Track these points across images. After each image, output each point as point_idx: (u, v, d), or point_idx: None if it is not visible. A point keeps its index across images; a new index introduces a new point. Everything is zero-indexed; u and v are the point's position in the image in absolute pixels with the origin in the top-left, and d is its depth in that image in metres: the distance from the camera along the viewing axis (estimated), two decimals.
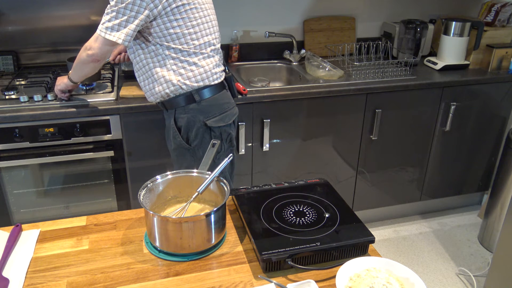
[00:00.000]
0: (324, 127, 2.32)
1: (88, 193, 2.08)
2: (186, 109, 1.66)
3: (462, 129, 2.57)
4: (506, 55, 2.53)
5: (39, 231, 1.16)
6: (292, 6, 2.62)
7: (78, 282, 0.99)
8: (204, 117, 1.67)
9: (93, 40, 1.56)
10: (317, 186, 1.32)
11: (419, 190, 2.68)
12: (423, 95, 2.39)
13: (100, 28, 1.52)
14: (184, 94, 1.65)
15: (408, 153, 2.55)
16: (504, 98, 2.55)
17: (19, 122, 1.84)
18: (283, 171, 2.35)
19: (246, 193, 1.28)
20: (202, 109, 1.67)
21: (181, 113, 1.68)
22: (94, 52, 1.56)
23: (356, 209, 2.58)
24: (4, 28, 2.24)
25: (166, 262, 1.06)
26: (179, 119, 1.69)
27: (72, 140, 1.94)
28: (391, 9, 2.80)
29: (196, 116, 1.67)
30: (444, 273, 2.36)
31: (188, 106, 1.66)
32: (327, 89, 2.21)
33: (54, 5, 2.26)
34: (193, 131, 1.68)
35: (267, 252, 1.01)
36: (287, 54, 2.63)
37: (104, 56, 1.59)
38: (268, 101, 2.15)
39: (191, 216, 1.12)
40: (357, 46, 2.57)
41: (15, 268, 1.03)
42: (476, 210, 2.92)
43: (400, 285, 0.95)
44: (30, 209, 2.04)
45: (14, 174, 1.95)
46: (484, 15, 2.68)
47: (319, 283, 0.99)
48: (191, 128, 1.68)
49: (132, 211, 1.26)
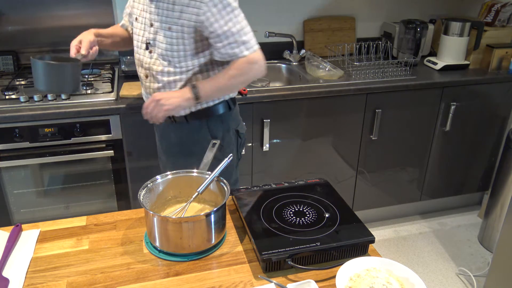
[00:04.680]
0: (324, 127, 2.32)
1: (88, 193, 2.08)
2: (222, 117, 1.61)
3: (462, 129, 2.57)
4: (506, 55, 2.53)
5: (39, 231, 1.16)
6: (292, 6, 2.62)
7: (78, 282, 0.99)
8: (235, 125, 1.66)
9: (257, 56, 1.48)
10: (317, 186, 1.32)
11: (419, 190, 2.68)
12: (423, 95, 2.39)
13: (252, 45, 1.47)
14: (224, 101, 1.60)
15: (408, 153, 2.55)
16: (504, 98, 2.55)
17: (19, 122, 1.84)
18: (283, 171, 2.35)
19: (246, 193, 1.28)
20: (234, 117, 1.65)
21: (216, 122, 1.60)
22: (263, 64, 1.50)
23: (356, 209, 2.58)
24: (4, 28, 2.24)
25: (166, 262, 1.06)
26: (215, 129, 1.60)
27: (72, 140, 1.94)
28: (391, 9, 2.80)
29: (231, 123, 1.63)
30: (444, 273, 2.36)
31: (224, 114, 1.61)
32: (327, 89, 2.21)
33: (54, 5, 2.26)
34: (226, 139, 1.63)
35: (267, 252, 1.01)
36: (287, 54, 2.63)
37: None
38: (268, 101, 2.15)
39: (191, 216, 1.12)
40: (357, 46, 2.57)
41: (15, 268, 1.03)
42: (476, 210, 2.92)
43: (400, 285, 0.95)
44: (30, 209, 2.04)
45: (14, 174, 1.95)
46: (484, 15, 2.68)
47: (319, 283, 0.99)
48: (225, 137, 1.62)
49: (132, 211, 1.26)
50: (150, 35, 1.48)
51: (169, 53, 1.46)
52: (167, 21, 1.43)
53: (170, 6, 1.41)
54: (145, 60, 1.53)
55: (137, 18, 1.52)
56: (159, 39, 1.46)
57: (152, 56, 1.50)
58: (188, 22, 1.40)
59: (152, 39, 1.48)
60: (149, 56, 1.51)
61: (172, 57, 1.47)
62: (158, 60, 1.49)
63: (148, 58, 1.52)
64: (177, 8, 1.40)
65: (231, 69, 1.47)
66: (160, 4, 1.43)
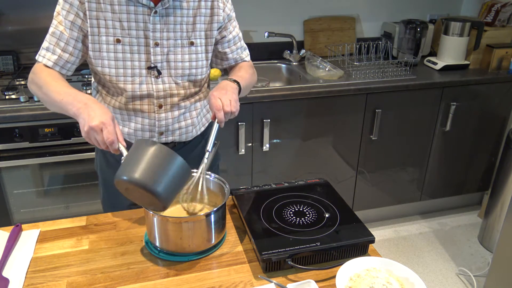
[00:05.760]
0: (324, 127, 2.32)
1: (88, 193, 2.08)
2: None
3: (462, 129, 2.57)
4: (506, 55, 2.53)
5: (39, 231, 1.16)
6: (292, 6, 2.62)
7: (78, 282, 0.99)
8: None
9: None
10: (317, 186, 1.32)
11: (419, 190, 2.68)
12: (423, 95, 2.39)
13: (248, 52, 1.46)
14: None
15: (408, 153, 2.55)
16: (504, 98, 2.55)
17: (19, 122, 1.84)
18: (283, 171, 2.35)
19: (246, 193, 1.28)
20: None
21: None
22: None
23: (356, 209, 2.58)
24: (4, 28, 2.24)
25: (166, 262, 1.06)
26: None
27: (72, 140, 1.94)
28: (391, 9, 2.80)
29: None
30: (444, 273, 2.36)
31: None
32: (327, 89, 2.21)
33: (54, 5, 2.24)
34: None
35: (267, 252, 1.01)
36: (287, 54, 2.63)
37: None
38: (268, 101, 2.15)
39: (191, 216, 1.12)
40: (357, 46, 2.57)
41: (15, 268, 1.03)
42: (476, 210, 2.92)
43: (400, 285, 0.95)
44: (30, 209, 2.04)
45: (14, 174, 1.95)
46: (484, 15, 2.68)
47: (319, 283, 0.99)
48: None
49: (132, 211, 1.26)
50: (156, 57, 1.23)
51: (193, 71, 1.29)
52: (188, 36, 1.26)
53: (190, 19, 1.25)
54: (156, 88, 1.26)
55: (119, 40, 1.20)
56: (174, 59, 1.26)
57: (164, 81, 1.27)
58: (211, 32, 1.29)
59: (160, 60, 1.24)
60: (160, 82, 1.26)
61: (196, 75, 1.30)
62: (176, 83, 1.28)
63: (160, 85, 1.26)
64: (201, 19, 1.26)
65: (245, 68, 1.40)
66: (171, 19, 1.22)
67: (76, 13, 1.18)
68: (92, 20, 1.18)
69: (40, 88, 1.17)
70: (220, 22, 1.30)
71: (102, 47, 1.20)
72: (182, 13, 1.23)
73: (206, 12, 1.27)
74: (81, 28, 1.19)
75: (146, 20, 1.20)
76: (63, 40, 1.19)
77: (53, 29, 1.20)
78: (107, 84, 1.27)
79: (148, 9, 1.19)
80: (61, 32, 1.19)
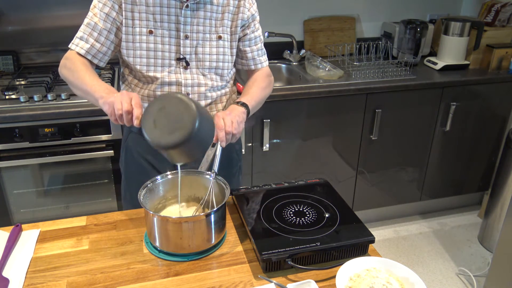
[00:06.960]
0: (324, 127, 2.32)
1: (88, 193, 2.08)
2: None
3: (462, 129, 2.57)
4: (506, 55, 2.53)
5: (39, 231, 1.16)
6: (292, 6, 2.62)
7: (78, 282, 0.99)
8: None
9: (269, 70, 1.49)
10: (317, 186, 1.32)
11: (419, 190, 2.68)
12: (423, 95, 2.39)
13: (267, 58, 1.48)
14: None
15: (408, 153, 2.55)
16: (504, 98, 2.55)
17: (19, 122, 1.84)
18: (283, 171, 2.35)
19: (246, 193, 1.28)
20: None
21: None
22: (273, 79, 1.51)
23: (356, 209, 2.58)
24: (4, 28, 2.24)
25: (166, 262, 1.06)
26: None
27: (72, 140, 1.94)
28: (391, 9, 2.80)
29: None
30: (444, 273, 2.36)
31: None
32: (327, 89, 2.21)
33: (54, 5, 2.26)
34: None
35: (267, 252, 1.01)
36: (287, 54, 2.63)
37: None
38: (268, 101, 2.13)
39: (191, 216, 1.12)
40: (357, 46, 2.57)
41: (15, 268, 1.03)
42: (476, 210, 2.92)
43: (400, 285, 0.95)
44: (30, 209, 2.04)
45: (14, 174, 1.95)
46: (484, 15, 2.68)
47: (319, 283, 0.99)
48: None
49: (132, 211, 1.26)
50: (185, 49, 1.29)
51: (220, 65, 1.34)
52: (217, 31, 1.32)
53: (219, 15, 1.31)
54: (184, 77, 1.32)
55: (151, 31, 1.27)
56: (202, 51, 1.31)
57: (192, 71, 1.32)
58: (235, 29, 1.34)
59: (189, 52, 1.30)
60: (189, 72, 1.32)
61: (222, 68, 1.36)
62: (203, 75, 1.34)
63: (188, 74, 1.32)
64: (228, 16, 1.33)
65: (258, 81, 1.42)
66: (201, 13, 1.29)
67: (111, 6, 1.25)
68: (127, 13, 1.26)
69: (72, 72, 1.26)
70: (244, 20, 1.36)
71: (136, 38, 1.28)
72: (212, 9, 1.30)
73: (233, 10, 1.34)
74: (114, 20, 1.27)
75: (178, 13, 1.27)
76: (97, 31, 1.27)
77: (88, 20, 1.28)
78: (138, 75, 1.34)
79: (180, 3, 1.26)
80: (95, 23, 1.26)
